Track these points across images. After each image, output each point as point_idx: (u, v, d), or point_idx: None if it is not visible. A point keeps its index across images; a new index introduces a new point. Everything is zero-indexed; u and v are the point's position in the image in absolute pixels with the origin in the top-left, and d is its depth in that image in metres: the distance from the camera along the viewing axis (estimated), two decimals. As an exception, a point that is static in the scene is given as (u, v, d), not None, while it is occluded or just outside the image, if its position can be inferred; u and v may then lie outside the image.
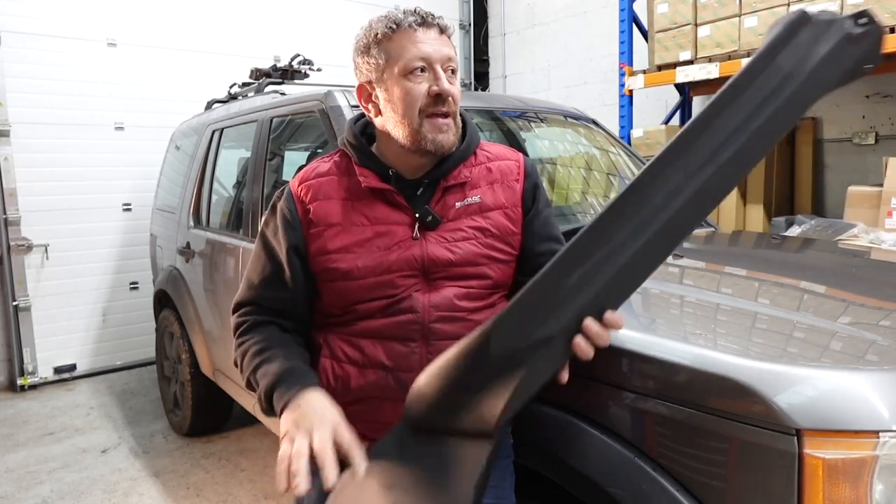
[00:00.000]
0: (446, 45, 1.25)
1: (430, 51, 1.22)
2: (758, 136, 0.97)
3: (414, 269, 1.24)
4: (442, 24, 1.26)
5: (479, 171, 1.33)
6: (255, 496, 2.98)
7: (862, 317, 1.50)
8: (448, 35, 1.27)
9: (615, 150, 2.89)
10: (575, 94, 5.83)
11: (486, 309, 1.28)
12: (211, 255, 3.09)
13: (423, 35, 1.23)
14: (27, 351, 4.49)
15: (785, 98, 0.97)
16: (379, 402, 1.25)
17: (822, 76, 0.96)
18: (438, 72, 1.22)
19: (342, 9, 5.59)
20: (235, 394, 3.07)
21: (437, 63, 1.22)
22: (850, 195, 3.49)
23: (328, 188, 1.30)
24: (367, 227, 1.26)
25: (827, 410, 1.03)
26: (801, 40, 0.95)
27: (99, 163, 4.67)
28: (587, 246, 1.01)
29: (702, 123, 0.99)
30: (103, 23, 4.64)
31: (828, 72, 0.96)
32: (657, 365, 1.23)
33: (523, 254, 1.34)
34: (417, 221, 1.26)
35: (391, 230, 1.26)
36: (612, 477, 1.25)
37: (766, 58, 0.97)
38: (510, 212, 1.32)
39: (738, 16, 3.74)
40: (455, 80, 1.26)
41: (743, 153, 0.98)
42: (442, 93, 1.21)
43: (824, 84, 0.97)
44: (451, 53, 1.25)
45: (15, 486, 3.12)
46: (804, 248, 2.39)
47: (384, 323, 1.24)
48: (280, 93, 3.08)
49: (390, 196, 1.27)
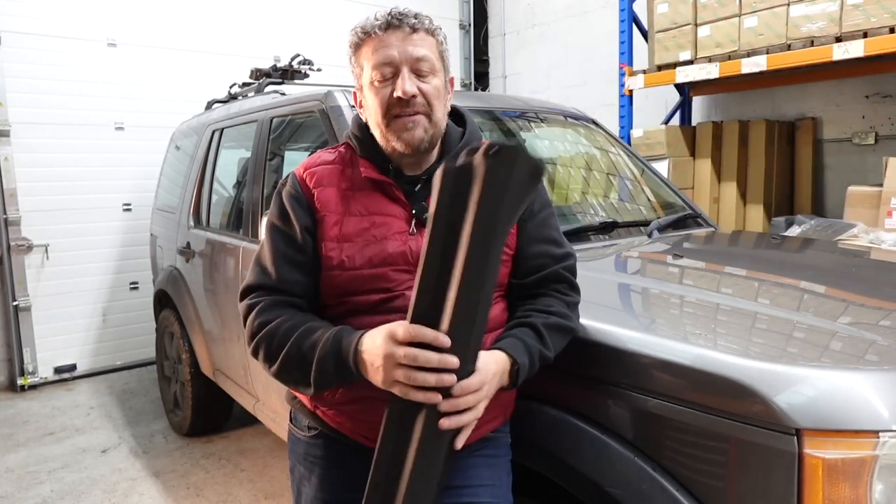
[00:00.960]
0: (417, 44, 1.23)
1: (394, 53, 1.21)
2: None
3: (409, 264, 1.23)
4: (412, 24, 1.23)
5: None
6: (255, 496, 2.97)
7: (862, 317, 1.50)
8: (425, 32, 1.25)
9: (615, 150, 2.89)
10: (575, 94, 5.82)
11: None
12: (211, 255, 3.10)
13: (388, 38, 1.22)
14: (27, 351, 4.49)
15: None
16: (374, 402, 1.24)
17: (502, 215, 0.96)
18: (402, 73, 1.21)
19: (342, 9, 5.59)
20: (235, 394, 3.07)
21: (403, 64, 1.21)
22: (850, 195, 3.49)
23: (331, 176, 1.31)
24: (364, 218, 1.26)
25: (827, 410, 1.03)
26: (459, 190, 0.95)
27: (99, 163, 4.67)
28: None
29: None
30: (103, 23, 4.64)
31: (509, 205, 0.96)
32: (657, 365, 1.23)
33: (517, 255, 1.33)
34: (414, 217, 1.27)
35: (388, 221, 1.26)
36: (612, 477, 1.25)
37: (438, 218, 0.97)
38: None
39: (738, 16, 3.74)
40: (430, 78, 1.24)
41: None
42: (403, 95, 1.20)
43: (511, 217, 0.98)
44: (420, 53, 1.22)
45: (15, 486, 3.12)
46: (804, 248, 2.39)
47: (379, 322, 1.22)
48: (280, 93, 3.08)
49: (389, 189, 1.28)
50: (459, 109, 1.42)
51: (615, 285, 1.80)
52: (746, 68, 3.68)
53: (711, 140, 4.26)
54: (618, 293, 1.76)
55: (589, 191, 2.72)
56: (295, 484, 1.43)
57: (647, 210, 2.66)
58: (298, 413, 1.40)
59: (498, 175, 0.95)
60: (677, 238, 2.38)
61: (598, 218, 2.43)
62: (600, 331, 1.36)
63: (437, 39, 1.27)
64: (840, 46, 3.29)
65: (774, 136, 4.27)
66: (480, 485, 1.29)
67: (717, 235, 2.56)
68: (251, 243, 2.67)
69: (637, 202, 2.73)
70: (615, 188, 2.77)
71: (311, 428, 1.37)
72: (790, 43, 3.52)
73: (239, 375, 2.91)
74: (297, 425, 1.41)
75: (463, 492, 1.27)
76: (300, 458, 1.39)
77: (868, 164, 4.13)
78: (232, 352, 2.90)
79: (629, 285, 1.84)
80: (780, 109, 4.53)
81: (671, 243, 2.28)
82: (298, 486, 1.41)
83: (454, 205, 0.96)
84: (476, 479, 1.29)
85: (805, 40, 3.46)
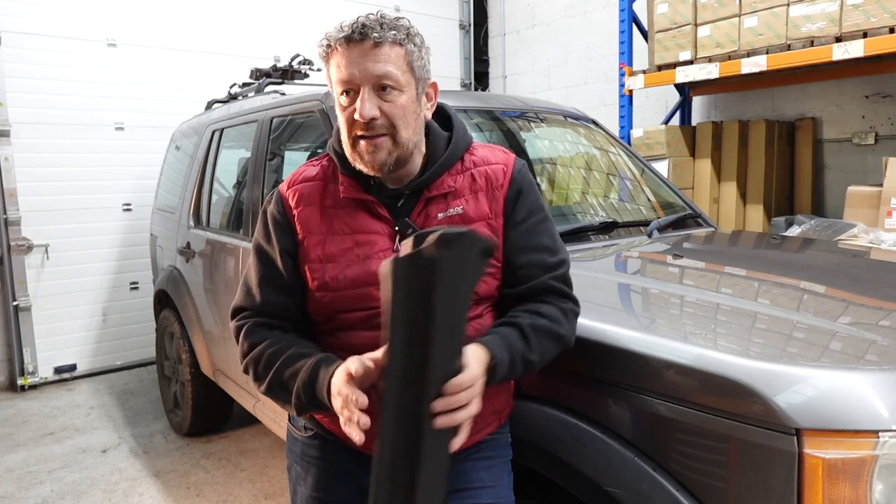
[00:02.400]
0: (380, 59, 1.15)
1: (354, 72, 1.15)
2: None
3: None
4: (376, 37, 1.14)
5: (465, 178, 1.27)
6: (255, 496, 2.98)
7: (862, 317, 1.50)
8: (391, 44, 1.16)
9: (615, 150, 2.89)
10: (575, 94, 5.83)
11: (472, 321, 1.24)
12: (211, 255, 3.10)
13: (350, 53, 1.15)
14: (27, 351, 4.49)
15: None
16: (367, 415, 1.24)
17: (450, 304, 0.94)
18: (361, 95, 1.15)
19: (342, 9, 5.58)
20: (235, 394, 3.07)
21: (363, 83, 1.15)
22: (850, 195, 3.49)
23: (313, 194, 1.29)
24: (347, 237, 1.24)
25: (827, 410, 1.03)
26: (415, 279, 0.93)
27: (99, 163, 4.68)
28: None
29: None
30: (103, 23, 4.64)
31: (450, 296, 0.94)
32: (657, 365, 1.23)
33: (505, 265, 1.28)
34: (398, 233, 1.23)
35: (371, 240, 1.23)
36: (612, 477, 1.25)
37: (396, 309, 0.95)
38: (493, 223, 1.26)
39: (737, 16, 3.74)
40: (394, 95, 1.16)
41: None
42: (361, 119, 1.15)
43: (465, 295, 0.97)
44: (381, 70, 1.14)
45: (15, 485, 3.12)
46: (804, 248, 2.39)
47: (367, 337, 1.22)
48: (280, 93, 3.08)
49: (371, 206, 1.25)
50: (447, 111, 1.34)
51: (615, 285, 1.80)
52: (746, 68, 3.68)
53: (711, 140, 4.26)
54: (618, 293, 1.76)
55: (589, 191, 2.72)
56: (292, 483, 1.44)
57: (647, 210, 2.66)
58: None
59: (453, 263, 0.92)
60: (677, 238, 2.38)
61: (598, 218, 2.43)
62: (600, 331, 1.36)
63: (406, 49, 1.18)
64: (840, 46, 3.29)
65: (774, 136, 4.27)
66: (482, 486, 1.29)
67: (717, 235, 2.56)
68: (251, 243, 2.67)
69: (637, 202, 2.73)
70: (615, 188, 2.77)
71: (307, 428, 1.38)
72: (790, 43, 3.52)
73: (239, 375, 2.91)
74: (295, 425, 1.42)
75: (464, 494, 1.27)
76: (297, 458, 1.40)
77: (868, 164, 4.13)
78: (232, 352, 2.90)
79: (629, 285, 1.84)
80: (779, 109, 4.53)
81: (671, 243, 2.28)
82: (295, 485, 1.42)
83: (409, 299, 0.93)
84: (477, 482, 1.29)
85: (805, 40, 3.46)
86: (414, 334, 0.94)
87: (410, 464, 0.96)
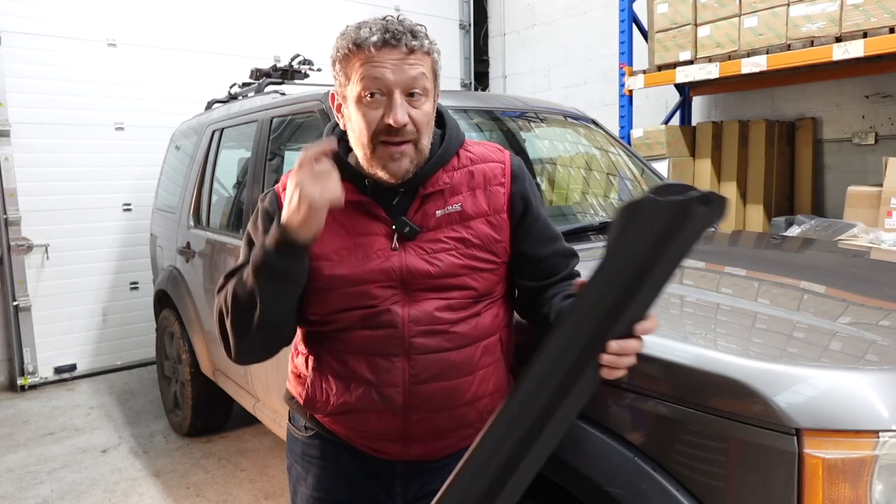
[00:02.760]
0: (413, 65, 1.15)
1: (389, 76, 1.14)
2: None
3: (392, 280, 1.21)
4: (411, 45, 1.14)
5: (461, 175, 1.27)
6: (255, 496, 2.98)
7: (862, 317, 1.50)
8: (423, 53, 1.17)
9: (615, 150, 2.89)
10: (575, 94, 5.83)
11: (470, 319, 1.24)
12: (211, 255, 3.10)
13: (382, 57, 1.14)
14: (27, 351, 4.49)
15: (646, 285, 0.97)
16: (365, 415, 1.24)
17: (674, 257, 0.97)
18: (395, 100, 1.14)
19: (342, 9, 5.59)
20: (235, 394, 3.07)
21: (396, 88, 1.14)
22: (850, 195, 3.49)
23: None
24: (345, 238, 1.23)
25: (827, 410, 1.03)
26: (648, 225, 0.95)
27: (99, 163, 4.67)
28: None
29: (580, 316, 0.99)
30: (103, 23, 4.64)
31: (679, 251, 0.97)
32: (657, 365, 1.23)
33: (527, 260, 1.29)
34: (395, 232, 1.23)
35: (369, 241, 1.23)
36: (612, 477, 1.25)
37: (615, 253, 0.97)
38: (493, 219, 1.26)
39: (737, 16, 3.74)
40: (421, 102, 1.17)
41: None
42: (394, 125, 1.13)
43: (677, 260, 0.98)
44: (415, 76, 1.15)
45: (15, 486, 3.12)
46: (804, 248, 2.39)
47: (366, 336, 1.22)
48: (280, 93, 3.08)
49: (367, 206, 1.24)
50: (439, 108, 1.32)
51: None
52: (746, 68, 3.68)
53: (711, 140, 4.26)
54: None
55: (589, 191, 2.72)
56: (292, 483, 1.43)
57: (647, 210, 2.65)
58: (296, 413, 1.41)
59: (703, 225, 0.95)
60: (677, 238, 2.37)
61: (598, 218, 2.43)
62: (600, 331, 1.35)
63: (433, 58, 1.20)
64: (840, 46, 3.29)
65: (774, 136, 4.27)
66: None
67: (717, 235, 2.56)
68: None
69: (637, 202, 2.72)
70: (615, 188, 2.77)
71: (307, 428, 1.37)
72: (790, 43, 3.52)
73: (239, 375, 2.91)
74: (295, 425, 1.42)
75: None
76: (297, 458, 1.40)
77: (868, 164, 4.13)
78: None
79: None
80: (779, 109, 4.53)
81: (671, 243, 2.27)
82: (295, 484, 1.41)
83: (645, 237, 0.95)
84: None
85: (805, 40, 3.46)
86: (631, 269, 0.96)
87: (560, 387, 0.98)
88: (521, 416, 0.99)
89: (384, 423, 1.24)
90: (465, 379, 1.24)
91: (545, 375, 0.99)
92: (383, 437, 1.26)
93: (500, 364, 1.32)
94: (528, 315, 1.37)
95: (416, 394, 1.22)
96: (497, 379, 1.30)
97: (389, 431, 1.24)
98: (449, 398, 1.23)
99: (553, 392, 0.99)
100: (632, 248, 0.95)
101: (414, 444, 1.26)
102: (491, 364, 1.28)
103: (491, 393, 1.28)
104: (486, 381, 1.27)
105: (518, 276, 1.33)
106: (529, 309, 1.35)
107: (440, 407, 1.23)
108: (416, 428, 1.24)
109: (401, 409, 1.22)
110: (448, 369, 1.22)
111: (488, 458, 1.01)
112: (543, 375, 0.99)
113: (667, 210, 0.93)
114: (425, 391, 1.22)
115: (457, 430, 1.27)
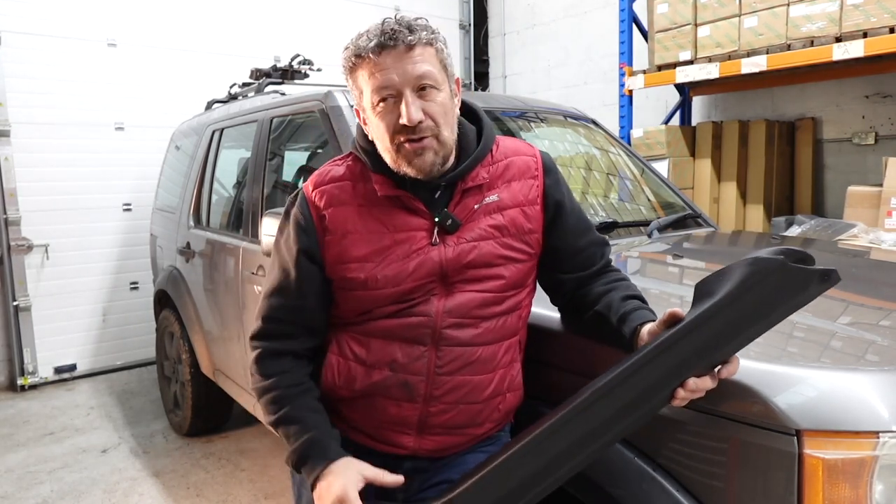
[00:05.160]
0: (416, 61, 1.15)
1: (394, 78, 1.14)
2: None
3: (431, 275, 1.21)
4: (408, 40, 1.14)
5: (497, 169, 1.29)
6: (255, 496, 2.98)
7: (862, 317, 1.50)
8: (423, 45, 1.16)
9: (615, 150, 2.89)
10: (575, 94, 5.83)
11: (500, 316, 1.26)
12: (211, 255, 3.10)
13: (384, 60, 1.14)
14: (27, 351, 4.49)
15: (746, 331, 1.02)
16: (383, 401, 1.24)
17: (778, 318, 1.02)
18: (406, 99, 1.14)
19: (342, 9, 5.59)
20: (235, 394, 3.07)
21: (404, 87, 1.14)
22: (850, 195, 3.49)
23: (343, 194, 1.27)
24: (385, 235, 1.23)
25: (827, 411, 1.03)
26: (771, 285, 1.00)
27: (99, 163, 4.67)
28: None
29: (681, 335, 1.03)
30: (103, 23, 4.64)
31: (783, 314, 1.02)
32: (657, 365, 1.22)
33: (564, 253, 1.32)
34: (437, 226, 1.23)
35: (410, 237, 1.23)
36: (612, 477, 1.25)
37: (735, 297, 1.01)
38: (528, 209, 1.28)
39: (737, 16, 3.74)
40: (434, 94, 1.17)
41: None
42: (409, 123, 1.14)
43: (778, 320, 1.03)
44: (421, 70, 1.15)
45: (15, 485, 3.12)
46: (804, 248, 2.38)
47: (396, 323, 1.23)
48: (280, 93, 3.08)
49: (407, 201, 1.24)
50: (471, 105, 1.35)
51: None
52: (746, 68, 3.68)
53: (711, 140, 4.26)
54: (618, 293, 1.75)
55: (589, 191, 2.72)
56: (296, 486, 1.43)
57: (647, 210, 2.66)
58: None
59: (814, 297, 1.01)
60: (677, 238, 2.38)
61: (598, 218, 2.43)
62: (600, 331, 1.35)
63: (437, 47, 1.19)
64: (840, 46, 3.29)
65: (774, 136, 4.27)
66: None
67: (717, 235, 2.56)
68: (251, 243, 2.67)
69: (637, 202, 2.73)
70: (615, 188, 2.77)
71: None
72: (790, 43, 3.52)
73: (239, 375, 2.91)
74: None
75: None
76: None
77: (868, 164, 4.13)
78: (232, 352, 2.90)
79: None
80: (779, 109, 4.53)
81: (671, 243, 2.28)
82: (300, 487, 1.40)
83: (757, 293, 0.99)
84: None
85: (805, 40, 3.46)
86: (739, 321, 1.00)
87: (629, 405, 1.03)
88: (579, 420, 1.03)
89: (402, 413, 1.24)
90: (486, 376, 1.25)
91: (617, 389, 1.02)
92: (399, 426, 1.25)
93: (517, 365, 1.33)
94: (570, 309, 1.39)
95: (438, 384, 1.22)
96: (511, 379, 1.31)
97: (406, 420, 1.24)
98: (469, 393, 1.24)
99: (619, 407, 1.02)
100: (748, 303, 1.00)
101: (427, 437, 1.26)
102: (509, 364, 1.30)
103: (505, 392, 1.30)
104: (504, 380, 1.29)
105: (557, 271, 1.34)
106: (570, 302, 1.37)
107: (459, 400, 1.24)
108: (433, 420, 1.24)
109: (421, 399, 1.22)
110: (473, 363, 1.23)
111: (536, 450, 1.04)
112: (615, 388, 1.02)
113: (793, 279, 0.99)
114: (448, 383, 1.23)
115: (469, 429, 1.28)
